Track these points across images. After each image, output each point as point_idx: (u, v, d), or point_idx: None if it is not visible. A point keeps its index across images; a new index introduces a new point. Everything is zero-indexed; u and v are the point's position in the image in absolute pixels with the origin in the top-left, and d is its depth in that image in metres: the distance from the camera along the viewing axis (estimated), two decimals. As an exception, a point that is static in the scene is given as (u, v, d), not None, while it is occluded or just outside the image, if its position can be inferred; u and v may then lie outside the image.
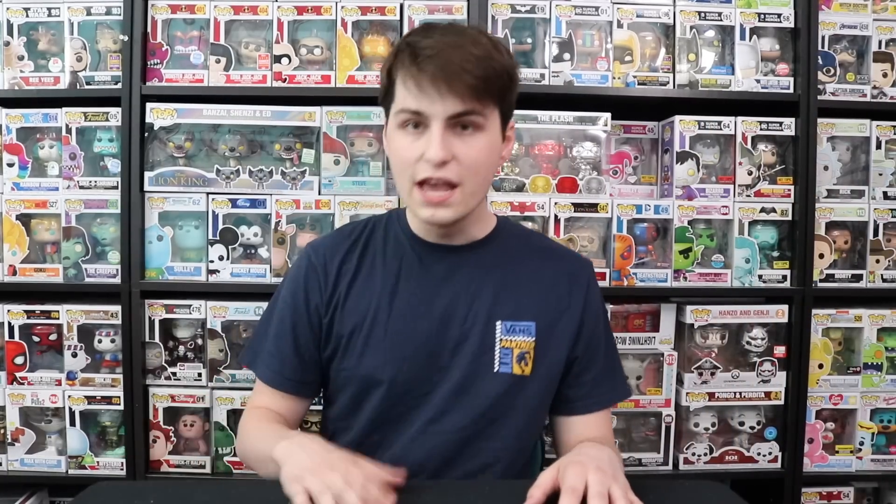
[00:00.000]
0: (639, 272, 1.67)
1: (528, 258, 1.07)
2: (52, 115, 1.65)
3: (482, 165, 0.94)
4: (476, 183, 0.95)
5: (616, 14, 1.68)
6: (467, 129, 0.92)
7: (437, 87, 0.88)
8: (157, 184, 1.64)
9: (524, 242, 1.10)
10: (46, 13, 1.67)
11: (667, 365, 1.68)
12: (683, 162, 1.69)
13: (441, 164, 0.90)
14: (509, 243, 1.08)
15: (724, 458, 1.69)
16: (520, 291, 1.03)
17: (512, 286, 1.03)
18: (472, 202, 0.97)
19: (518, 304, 1.02)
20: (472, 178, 0.93)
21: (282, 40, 1.66)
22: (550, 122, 1.68)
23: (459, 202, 0.94)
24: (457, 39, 0.90)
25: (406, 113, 0.92)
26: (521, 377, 1.01)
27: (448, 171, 0.91)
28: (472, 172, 0.93)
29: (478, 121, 0.92)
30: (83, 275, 1.65)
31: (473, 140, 0.92)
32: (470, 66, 0.88)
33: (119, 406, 1.64)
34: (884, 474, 1.73)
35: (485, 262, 1.04)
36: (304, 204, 1.65)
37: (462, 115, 0.90)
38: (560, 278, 1.06)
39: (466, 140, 0.92)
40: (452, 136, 0.91)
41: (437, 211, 0.93)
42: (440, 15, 1.66)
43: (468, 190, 0.94)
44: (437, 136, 0.90)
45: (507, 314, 1.01)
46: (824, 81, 1.70)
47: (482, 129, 0.93)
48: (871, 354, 1.70)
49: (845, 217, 1.71)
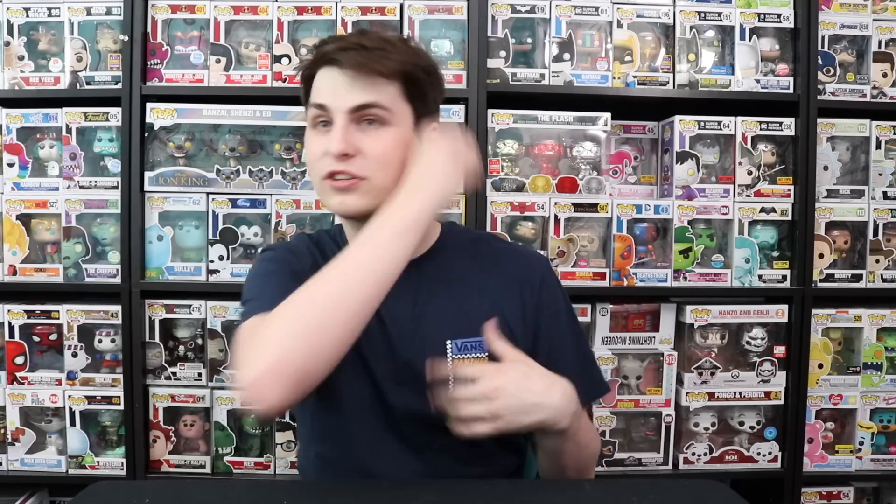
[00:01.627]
0: (639, 272, 1.67)
1: (475, 268, 1.01)
2: (52, 115, 1.65)
3: (391, 160, 0.92)
4: (385, 177, 0.92)
5: (616, 14, 1.68)
6: (373, 124, 0.92)
7: (339, 80, 0.90)
8: (158, 184, 1.64)
9: (471, 252, 1.03)
10: (46, 13, 1.67)
11: (667, 365, 1.68)
12: (683, 162, 1.69)
13: (342, 156, 0.90)
14: (455, 254, 1.02)
15: (724, 457, 1.69)
16: (469, 305, 0.97)
17: (460, 301, 0.97)
18: (383, 197, 0.90)
19: (468, 318, 0.95)
20: (380, 173, 0.91)
21: (282, 40, 1.66)
22: (550, 122, 1.68)
23: (368, 192, 0.91)
24: (363, 39, 0.92)
25: (312, 108, 0.93)
26: None
27: (352, 165, 0.90)
28: (380, 166, 0.91)
29: (381, 114, 0.91)
30: (83, 275, 1.65)
31: (378, 134, 0.92)
32: (370, 58, 0.89)
33: (119, 406, 1.64)
34: (883, 474, 1.73)
35: (429, 278, 0.98)
36: (305, 204, 1.65)
37: (363, 107, 0.90)
38: (510, 284, 1.00)
39: (371, 134, 0.91)
40: (356, 131, 0.91)
41: (345, 198, 0.92)
42: (440, 15, 1.66)
43: (376, 183, 0.91)
44: (339, 129, 0.90)
45: (456, 332, 0.95)
46: (824, 81, 1.70)
47: (388, 123, 0.92)
48: (871, 354, 1.70)
49: (845, 217, 1.71)
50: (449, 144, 0.91)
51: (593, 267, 1.67)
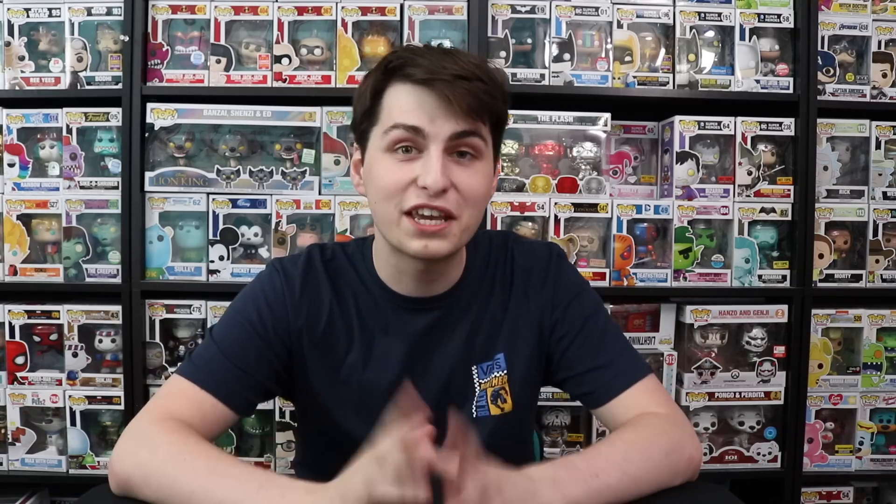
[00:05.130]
0: (639, 272, 1.67)
1: (494, 286, 0.97)
2: (52, 115, 1.65)
3: (480, 197, 0.86)
4: (472, 216, 0.85)
5: (616, 14, 1.68)
6: (465, 157, 0.84)
7: (439, 106, 0.80)
8: (158, 184, 1.64)
9: (493, 267, 0.98)
10: (47, 13, 1.67)
11: (667, 365, 1.68)
12: (683, 162, 1.69)
13: (441, 192, 0.81)
14: (479, 275, 0.97)
15: (724, 457, 1.69)
16: (492, 325, 0.95)
17: (485, 322, 0.95)
18: (465, 238, 0.86)
19: (490, 339, 0.94)
20: (469, 211, 0.84)
21: (282, 40, 1.66)
22: (550, 122, 1.68)
23: (455, 234, 0.84)
24: (456, 59, 0.83)
25: (400, 129, 0.82)
26: (501, 416, 0.94)
27: (446, 200, 0.81)
28: (471, 203, 0.84)
29: (478, 144, 0.84)
30: (84, 275, 1.65)
31: (473, 168, 0.84)
32: (472, 84, 0.81)
33: (120, 406, 1.64)
34: (883, 474, 1.73)
35: (459, 307, 0.94)
36: (305, 204, 1.65)
37: (463, 135, 0.82)
38: (523, 296, 0.96)
39: (466, 167, 0.84)
40: (450, 163, 0.82)
41: (430, 242, 0.82)
42: (440, 15, 1.66)
43: (464, 224, 0.84)
44: (438, 160, 0.80)
45: (481, 356, 0.93)
46: (824, 82, 1.70)
47: (480, 156, 0.85)
48: (871, 354, 1.70)
49: (845, 217, 1.71)
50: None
51: (593, 267, 1.67)
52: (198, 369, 0.87)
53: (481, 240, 1.00)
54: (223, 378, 0.86)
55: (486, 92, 0.82)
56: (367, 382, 0.92)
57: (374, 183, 0.85)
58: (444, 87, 0.80)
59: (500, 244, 1.00)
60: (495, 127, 0.88)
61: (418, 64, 0.81)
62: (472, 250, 0.97)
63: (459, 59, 0.83)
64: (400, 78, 0.83)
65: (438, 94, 0.80)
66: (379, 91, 0.85)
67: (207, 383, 0.85)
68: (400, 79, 0.83)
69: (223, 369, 0.87)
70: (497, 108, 0.85)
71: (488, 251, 0.99)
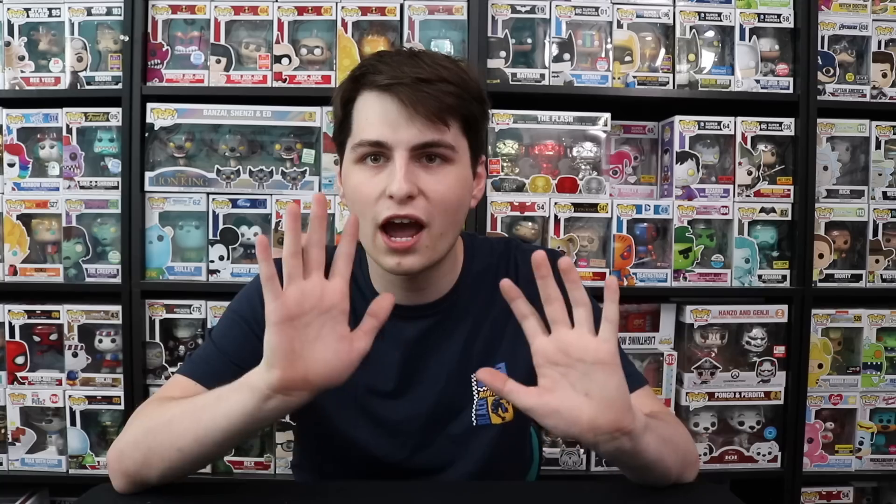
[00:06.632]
0: (639, 272, 1.67)
1: (495, 293, 0.94)
2: (52, 115, 1.65)
3: (452, 202, 0.83)
4: (445, 223, 0.83)
5: (616, 14, 1.68)
6: (434, 161, 0.82)
7: (401, 113, 0.79)
8: (158, 184, 1.64)
9: (493, 273, 0.95)
10: (47, 13, 1.67)
11: (666, 365, 1.68)
12: (683, 162, 1.69)
13: (406, 199, 0.79)
14: (477, 281, 0.95)
15: (724, 457, 1.70)
16: (493, 333, 0.94)
17: (484, 329, 0.94)
18: (442, 246, 0.85)
19: (490, 346, 0.94)
20: (441, 218, 0.82)
21: (282, 40, 1.66)
22: (550, 122, 1.68)
23: (427, 246, 0.82)
24: (419, 62, 0.82)
25: (364, 146, 0.82)
26: (503, 425, 0.94)
27: (414, 207, 0.80)
28: (441, 210, 0.82)
29: (446, 153, 0.82)
30: (84, 275, 1.65)
31: (442, 173, 0.82)
32: (435, 87, 0.79)
33: (120, 406, 1.64)
34: (883, 474, 1.73)
35: (454, 315, 0.93)
36: (305, 204, 1.64)
37: (428, 145, 0.81)
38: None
39: (434, 172, 0.82)
40: (418, 169, 0.81)
41: (403, 259, 0.82)
42: (440, 15, 1.66)
43: (436, 231, 0.82)
44: (401, 168, 0.79)
45: (480, 363, 0.90)
46: (824, 81, 1.70)
47: (451, 161, 0.83)
48: (871, 354, 1.70)
49: (845, 217, 1.71)
50: None
51: (593, 267, 1.67)
52: (195, 366, 0.90)
53: (480, 246, 0.99)
54: (219, 372, 0.86)
55: (452, 94, 0.81)
56: (364, 387, 0.92)
57: (349, 196, 0.86)
58: (406, 93, 0.79)
59: (501, 251, 0.99)
60: (469, 128, 0.86)
61: (380, 70, 0.81)
62: (468, 256, 0.97)
63: (424, 61, 0.82)
64: (365, 86, 0.83)
65: (400, 100, 0.79)
66: (349, 101, 0.85)
67: (203, 377, 0.87)
68: (366, 87, 0.83)
69: (219, 364, 0.88)
70: (467, 108, 0.84)
71: (488, 258, 0.98)
